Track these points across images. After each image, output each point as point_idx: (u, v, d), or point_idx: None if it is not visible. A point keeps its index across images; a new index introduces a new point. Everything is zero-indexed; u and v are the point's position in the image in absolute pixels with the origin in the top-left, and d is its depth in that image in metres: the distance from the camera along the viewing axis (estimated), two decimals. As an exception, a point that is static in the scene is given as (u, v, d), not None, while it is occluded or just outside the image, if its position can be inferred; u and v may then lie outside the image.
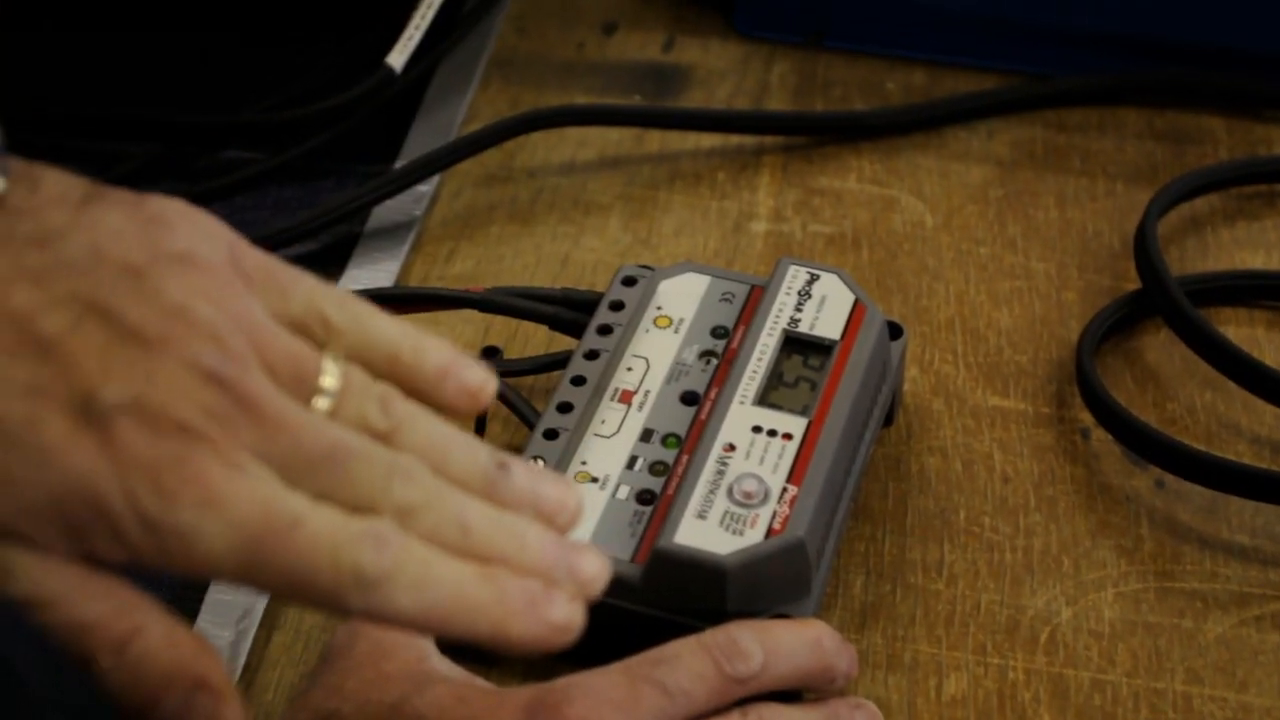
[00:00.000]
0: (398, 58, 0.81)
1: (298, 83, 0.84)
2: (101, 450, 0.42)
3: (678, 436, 0.61)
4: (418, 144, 0.81)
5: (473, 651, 0.58)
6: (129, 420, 0.42)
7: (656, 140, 0.82)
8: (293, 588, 0.43)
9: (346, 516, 0.43)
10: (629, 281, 0.66)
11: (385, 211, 0.77)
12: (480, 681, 0.54)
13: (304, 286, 0.47)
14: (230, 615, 0.61)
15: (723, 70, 0.87)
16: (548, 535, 0.46)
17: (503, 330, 0.71)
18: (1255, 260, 0.76)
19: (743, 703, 0.55)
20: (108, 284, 0.44)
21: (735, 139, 0.82)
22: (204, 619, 0.61)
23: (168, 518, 0.42)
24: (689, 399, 0.62)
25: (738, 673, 0.54)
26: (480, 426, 0.65)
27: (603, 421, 0.61)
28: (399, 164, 0.79)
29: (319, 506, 0.43)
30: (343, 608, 0.43)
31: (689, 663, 0.54)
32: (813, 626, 0.57)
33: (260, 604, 0.61)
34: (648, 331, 0.65)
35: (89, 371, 0.42)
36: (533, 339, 0.71)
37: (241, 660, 0.60)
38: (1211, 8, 0.84)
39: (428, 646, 0.56)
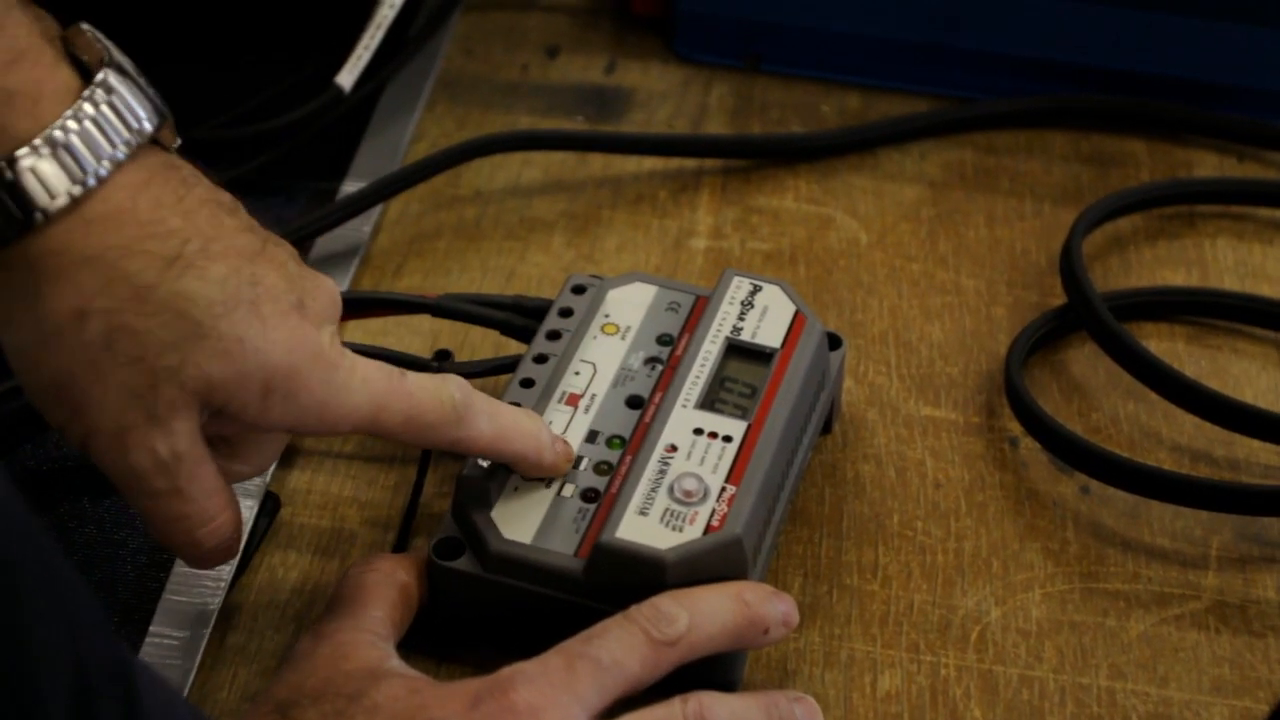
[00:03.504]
0: (347, 77, 0.83)
1: (249, 100, 0.85)
2: None
3: (622, 438, 0.63)
4: (366, 161, 0.83)
5: (424, 647, 0.60)
6: None
7: (599, 161, 0.84)
8: None
9: None
10: (578, 290, 0.68)
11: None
12: (431, 679, 0.56)
13: None
14: (185, 617, 0.62)
15: (663, 92, 0.89)
16: None
17: (451, 338, 0.73)
18: (1175, 277, 0.79)
19: (683, 690, 0.56)
20: None
21: (676, 160, 0.84)
22: (158, 621, 0.62)
23: None
24: (634, 403, 0.64)
25: (665, 636, 0.56)
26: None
27: (550, 423, 0.63)
28: (348, 181, 0.81)
29: None
30: None
31: (618, 635, 0.56)
32: (733, 584, 0.59)
33: (214, 604, 0.62)
34: (595, 338, 0.67)
35: None
36: (479, 348, 0.73)
37: (196, 660, 0.61)
38: (1134, 37, 0.86)
39: (387, 649, 0.57)
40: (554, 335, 0.66)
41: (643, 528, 0.59)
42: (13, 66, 0.51)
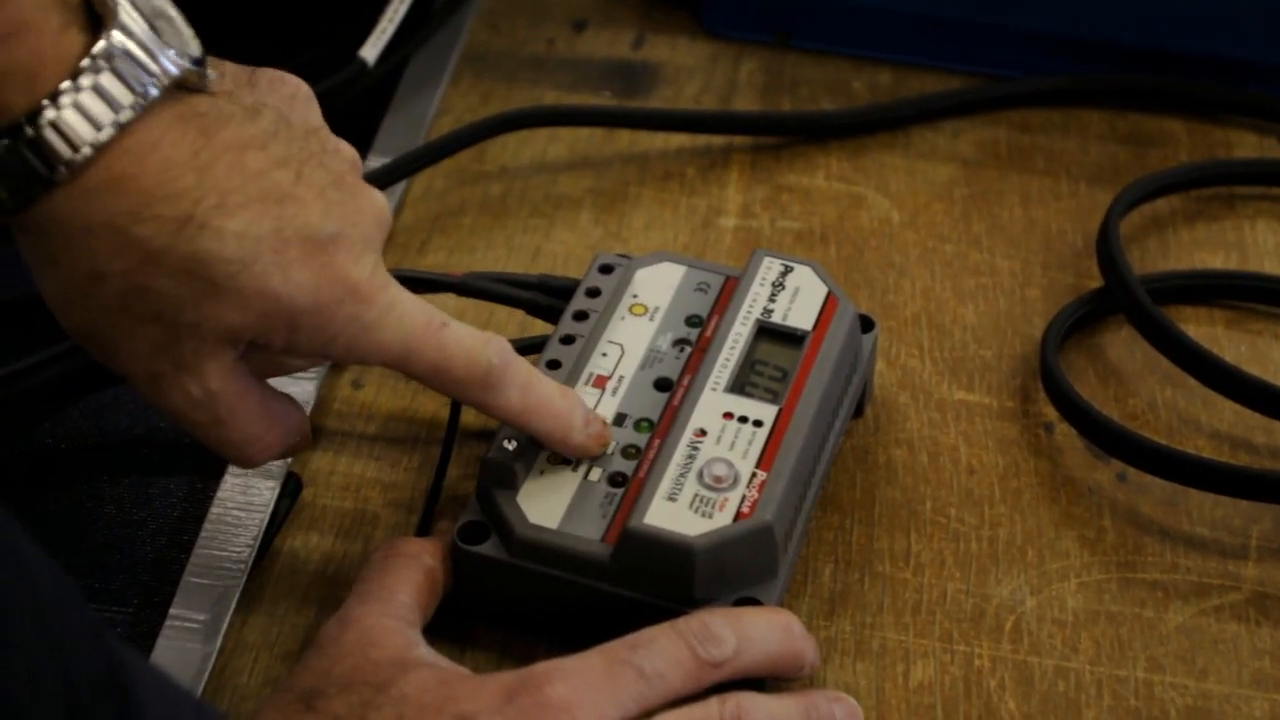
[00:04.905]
0: (371, 50, 0.82)
1: (271, 74, 0.84)
2: None
3: (650, 421, 0.62)
4: (390, 136, 0.82)
5: (448, 631, 0.59)
6: None
7: (626, 137, 0.83)
8: None
9: None
10: (606, 269, 0.67)
11: (358, 204, 0.78)
12: (463, 669, 0.55)
13: None
14: (205, 600, 0.61)
15: (691, 68, 0.88)
16: None
17: (476, 316, 0.72)
18: (1214, 260, 0.78)
19: (720, 691, 0.55)
20: None
21: (705, 137, 0.83)
22: (178, 603, 0.61)
23: None
24: (662, 385, 0.63)
25: (711, 657, 0.55)
26: (455, 411, 0.65)
27: (579, 405, 0.62)
28: (372, 156, 0.80)
29: None
30: None
31: (664, 647, 0.55)
32: (783, 614, 0.58)
33: (235, 589, 0.61)
34: (623, 319, 0.65)
35: None
36: (505, 327, 0.72)
37: (217, 644, 0.60)
38: (1173, 14, 0.85)
39: (414, 635, 0.56)
40: (581, 316, 0.65)
41: (671, 514, 0.58)
42: (10, 41, 0.50)
